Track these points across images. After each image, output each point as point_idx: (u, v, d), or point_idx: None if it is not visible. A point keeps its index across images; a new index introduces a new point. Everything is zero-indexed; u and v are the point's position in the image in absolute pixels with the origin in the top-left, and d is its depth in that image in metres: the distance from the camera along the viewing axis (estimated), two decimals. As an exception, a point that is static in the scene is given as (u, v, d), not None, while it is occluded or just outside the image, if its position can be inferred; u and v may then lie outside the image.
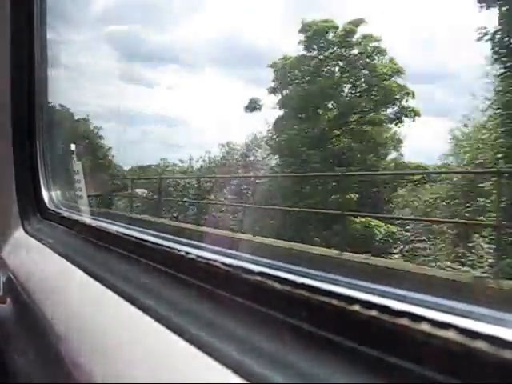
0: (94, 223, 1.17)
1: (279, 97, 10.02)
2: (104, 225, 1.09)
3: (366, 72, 9.41)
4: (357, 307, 0.40)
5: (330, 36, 9.59)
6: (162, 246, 0.73)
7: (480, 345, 0.32)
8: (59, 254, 1.12)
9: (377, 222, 8.56)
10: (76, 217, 1.38)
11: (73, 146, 2.05)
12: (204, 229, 8.24)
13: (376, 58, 9.41)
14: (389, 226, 8.64)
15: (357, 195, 8.47)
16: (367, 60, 9.40)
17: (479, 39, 7.26)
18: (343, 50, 9.48)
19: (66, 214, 1.46)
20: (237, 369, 0.44)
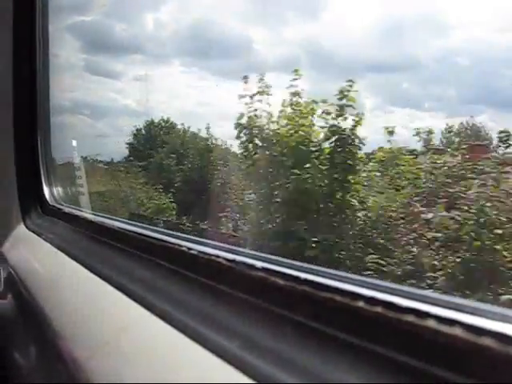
0: (95, 219, 1.17)
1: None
2: (105, 220, 1.09)
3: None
4: (361, 303, 0.39)
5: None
6: (164, 241, 0.72)
7: (487, 341, 0.31)
8: (60, 250, 1.12)
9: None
10: (77, 212, 1.38)
11: (74, 142, 2.04)
12: None
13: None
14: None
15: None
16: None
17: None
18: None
19: (66, 209, 1.45)
20: (238, 365, 0.44)
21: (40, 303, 0.95)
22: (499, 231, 3.31)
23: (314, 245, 3.85)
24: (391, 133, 4.21)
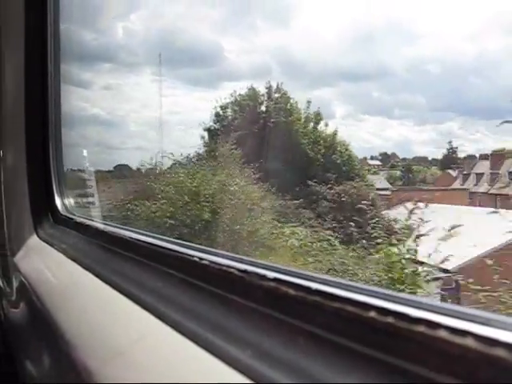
0: (107, 228, 1.18)
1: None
2: (116, 230, 1.10)
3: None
4: (373, 314, 0.39)
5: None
6: (176, 251, 0.73)
7: (499, 352, 0.31)
8: (71, 259, 1.13)
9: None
10: (88, 222, 1.39)
11: (85, 152, 2.06)
12: None
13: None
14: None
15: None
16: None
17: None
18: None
19: (78, 219, 1.47)
20: (250, 374, 0.44)
21: (52, 312, 0.96)
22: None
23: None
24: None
